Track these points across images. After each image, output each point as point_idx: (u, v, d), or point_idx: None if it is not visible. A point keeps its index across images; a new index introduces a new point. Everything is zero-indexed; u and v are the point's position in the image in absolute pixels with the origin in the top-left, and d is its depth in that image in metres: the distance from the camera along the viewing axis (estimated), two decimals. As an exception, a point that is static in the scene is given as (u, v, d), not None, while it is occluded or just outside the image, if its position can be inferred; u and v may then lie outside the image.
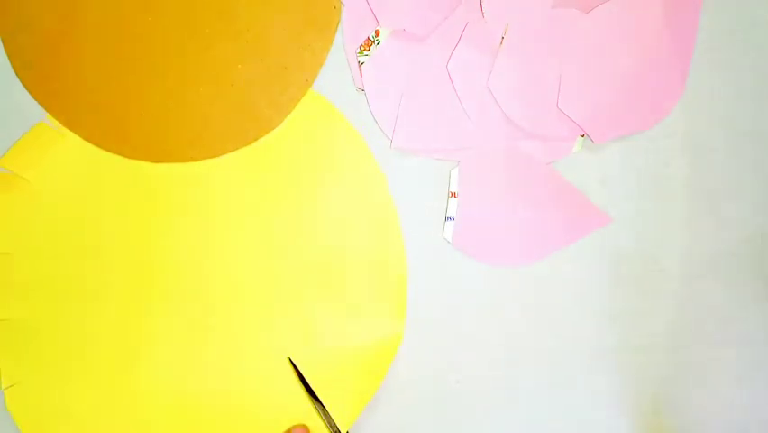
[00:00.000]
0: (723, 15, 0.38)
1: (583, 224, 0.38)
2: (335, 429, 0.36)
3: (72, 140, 0.37)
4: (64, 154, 0.37)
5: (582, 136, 0.38)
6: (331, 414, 0.36)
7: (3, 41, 0.37)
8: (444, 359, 0.38)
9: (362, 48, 0.37)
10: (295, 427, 0.36)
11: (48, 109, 0.37)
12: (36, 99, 0.37)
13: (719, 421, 0.38)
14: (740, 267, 0.38)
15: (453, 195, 0.38)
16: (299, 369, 0.36)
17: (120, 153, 0.38)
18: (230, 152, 0.38)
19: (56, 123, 0.37)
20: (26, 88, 0.37)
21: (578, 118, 0.37)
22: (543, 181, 0.38)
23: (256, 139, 0.38)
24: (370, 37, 0.37)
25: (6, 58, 0.38)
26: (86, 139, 0.37)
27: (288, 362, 0.37)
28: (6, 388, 0.36)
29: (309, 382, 0.36)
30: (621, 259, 0.38)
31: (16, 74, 0.38)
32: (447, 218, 0.38)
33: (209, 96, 0.37)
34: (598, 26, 0.37)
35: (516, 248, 0.38)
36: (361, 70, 0.37)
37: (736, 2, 0.38)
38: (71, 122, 0.37)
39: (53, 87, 0.37)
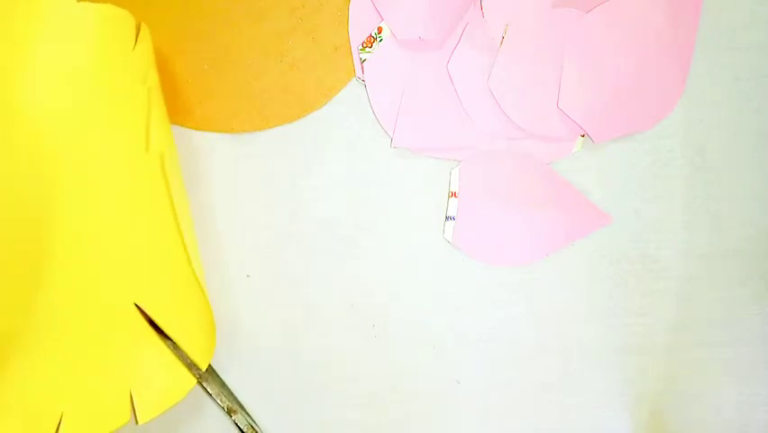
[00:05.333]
0: (723, 15, 0.38)
1: (583, 224, 0.38)
2: (191, 364, 0.35)
3: None
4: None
5: (582, 136, 0.38)
6: (184, 351, 0.35)
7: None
8: (444, 359, 0.38)
9: (364, 44, 0.37)
10: None
11: None
12: None
13: (719, 421, 0.38)
14: (740, 267, 0.38)
15: (453, 195, 0.38)
16: (146, 312, 0.35)
17: None
18: (270, 127, 0.38)
19: None
20: None
21: (578, 118, 0.37)
22: (543, 181, 0.38)
23: (298, 118, 0.38)
24: (373, 34, 0.37)
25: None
26: None
27: (136, 307, 0.35)
28: None
29: (158, 322, 0.35)
30: (621, 259, 0.38)
31: None
32: (447, 218, 0.38)
33: (256, 68, 0.37)
34: (598, 26, 0.37)
35: (516, 248, 0.38)
36: (362, 67, 0.37)
37: (735, 2, 0.38)
38: None
39: None
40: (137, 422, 0.34)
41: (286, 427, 0.38)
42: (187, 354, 0.35)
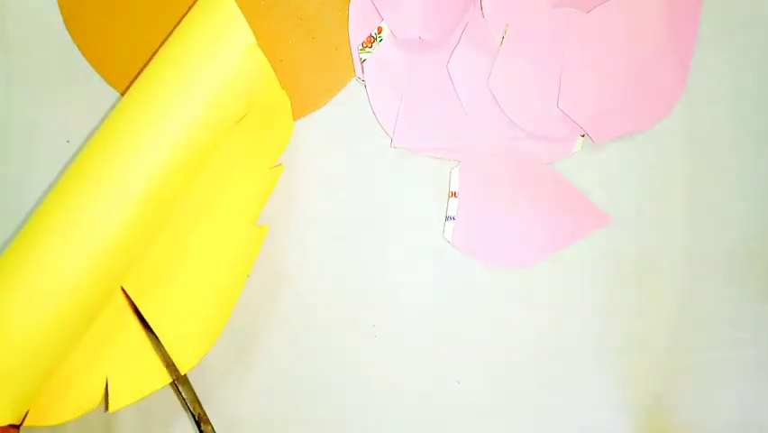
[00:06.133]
0: (723, 15, 0.38)
1: (583, 224, 0.38)
2: (170, 363, 0.35)
3: None
4: None
5: (582, 136, 0.38)
6: (167, 349, 0.34)
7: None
8: (444, 359, 0.38)
9: (364, 44, 0.37)
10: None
11: (96, 67, 0.38)
12: (85, 56, 0.38)
13: (719, 421, 0.38)
14: (740, 267, 0.38)
15: (453, 195, 0.38)
16: (132, 300, 0.35)
17: None
18: None
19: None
20: (76, 43, 0.38)
21: (578, 118, 0.37)
22: (543, 181, 0.38)
23: (298, 118, 0.38)
24: (373, 34, 0.37)
25: (58, 10, 0.38)
26: None
27: (122, 291, 0.35)
28: None
29: (145, 314, 0.34)
30: (621, 259, 0.38)
31: (67, 28, 0.38)
32: (447, 218, 0.38)
33: None
34: (598, 26, 0.37)
35: (517, 248, 0.38)
36: (362, 67, 0.37)
37: (735, 2, 0.38)
38: (116, 80, 0.38)
39: (103, 47, 0.38)
40: (106, 409, 0.34)
41: (286, 427, 0.38)
42: (168, 354, 0.35)
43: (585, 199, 0.38)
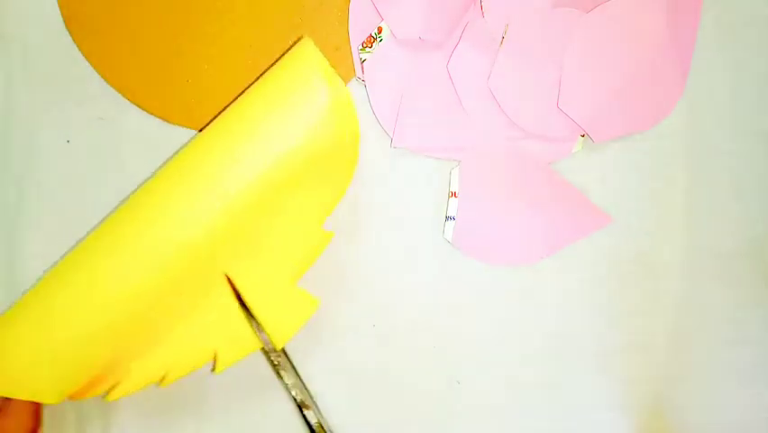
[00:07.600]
0: (723, 15, 0.38)
1: (583, 224, 0.38)
2: (270, 347, 0.35)
3: None
4: None
5: (582, 136, 0.38)
6: (266, 332, 0.35)
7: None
8: (444, 359, 0.38)
9: (364, 44, 0.37)
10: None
11: (96, 67, 0.38)
12: (85, 56, 0.38)
13: (720, 421, 0.38)
14: (740, 267, 0.38)
15: (453, 195, 0.38)
16: (235, 285, 0.35)
17: (163, 117, 0.38)
18: None
19: None
20: (76, 43, 0.38)
21: (578, 118, 0.37)
22: (543, 181, 0.38)
23: None
24: (373, 34, 0.37)
25: (58, 10, 0.38)
26: (132, 101, 0.38)
27: (225, 278, 0.35)
28: None
29: (245, 298, 0.35)
30: (621, 259, 0.38)
31: (67, 28, 0.38)
32: (447, 218, 0.38)
33: (257, 68, 0.37)
34: (598, 26, 0.37)
35: (516, 248, 0.38)
36: (362, 67, 0.37)
37: (735, 2, 0.38)
38: (119, 82, 0.38)
39: (103, 47, 0.38)
40: (214, 370, 0.35)
41: (286, 428, 0.38)
42: (269, 338, 0.35)
43: (585, 199, 0.38)
